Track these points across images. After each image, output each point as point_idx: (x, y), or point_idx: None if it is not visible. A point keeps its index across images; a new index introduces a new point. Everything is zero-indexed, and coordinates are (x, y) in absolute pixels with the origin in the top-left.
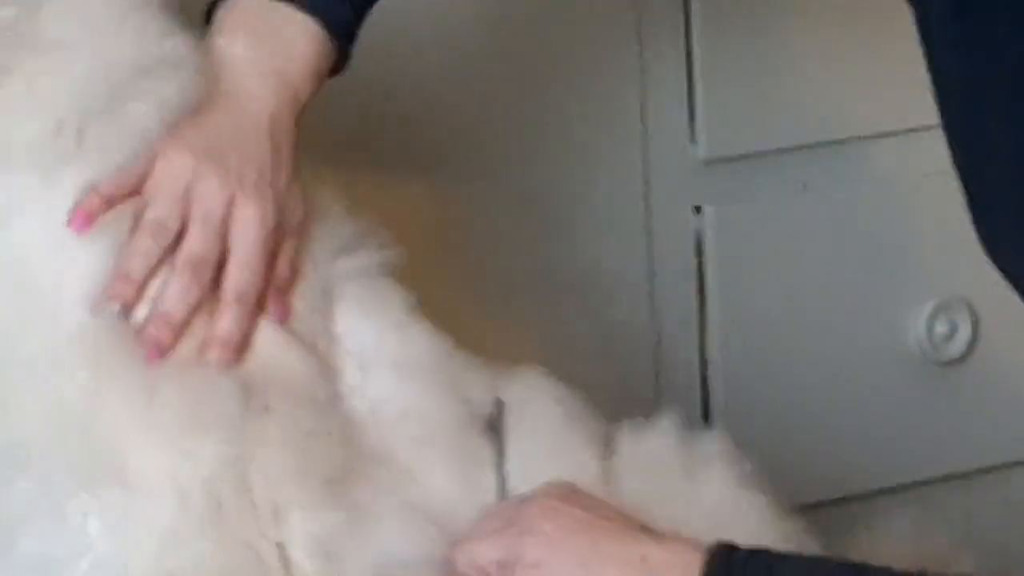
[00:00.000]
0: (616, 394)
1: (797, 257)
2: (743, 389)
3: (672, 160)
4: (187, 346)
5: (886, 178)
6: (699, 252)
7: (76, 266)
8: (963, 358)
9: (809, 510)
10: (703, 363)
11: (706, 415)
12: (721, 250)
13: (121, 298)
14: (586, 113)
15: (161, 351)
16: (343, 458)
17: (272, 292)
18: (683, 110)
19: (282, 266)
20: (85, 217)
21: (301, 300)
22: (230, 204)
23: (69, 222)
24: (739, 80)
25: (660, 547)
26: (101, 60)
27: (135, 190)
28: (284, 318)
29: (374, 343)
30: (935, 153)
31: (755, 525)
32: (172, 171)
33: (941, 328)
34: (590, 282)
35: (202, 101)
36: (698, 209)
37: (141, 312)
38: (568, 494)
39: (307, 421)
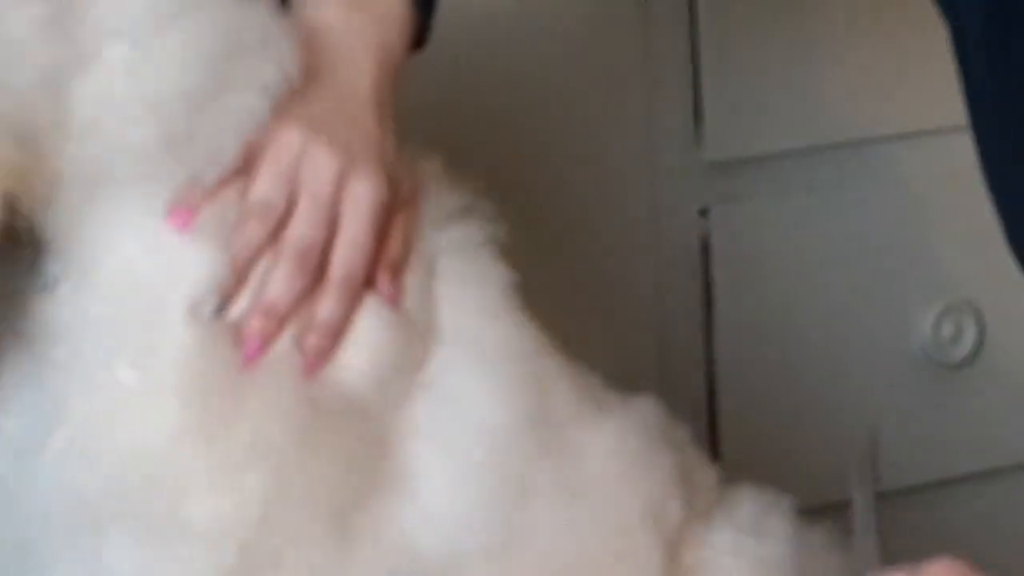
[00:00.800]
0: (621, 395)
1: (803, 259)
2: (749, 390)
3: (678, 162)
4: (287, 337)
5: (892, 180)
6: (705, 254)
7: (184, 276)
8: (969, 361)
9: (814, 512)
10: (709, 364)
11: (712, 416)
12: (727, 252)
13: (224, 288)
14: (592, 116)
15: (265, 343)
16: (364, 481)
17: (384, 271)
18: (689, 112)
19: (395, 243)
20: (186, 213)
21: (411, 275)
22: (340, 180)
23: (169, 219)
24: (745, 82)
25: None
26: (194, 42)
27: (240, 172)
28: (395, 299)
29: (460, 323)
30: (942, 156)
31: None
32: (279, 147)
33: (947, 330)
34: (596, 284)
35: (304, 74)
36: (704, 211)
37: (243, 300)
38: None
39: (351, 443)
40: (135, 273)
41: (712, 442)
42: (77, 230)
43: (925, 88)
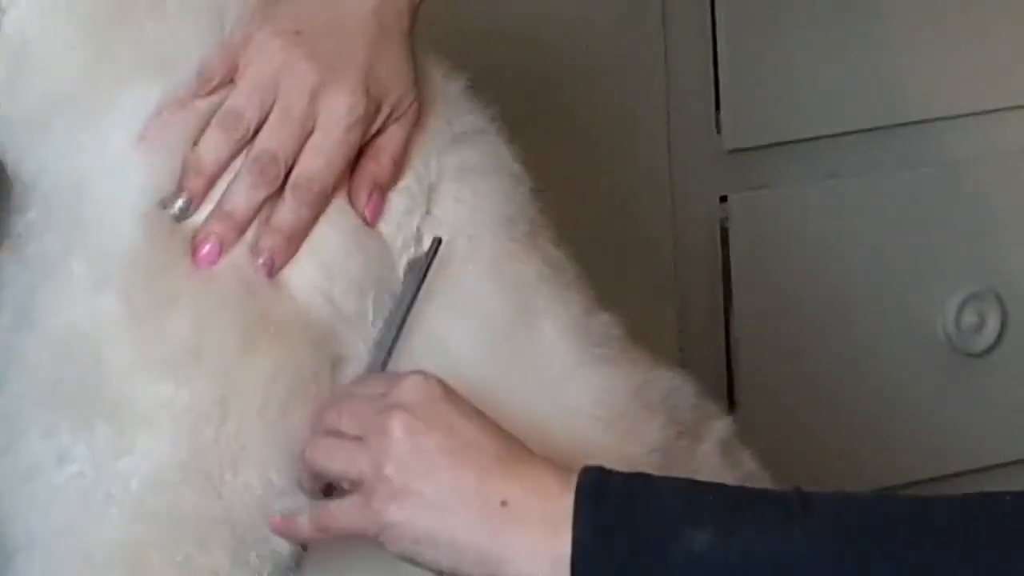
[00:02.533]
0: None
1: (823, 246)
2: (768, 378)
3: (698, 149)
4: (241, 245)
5: (914, 167)
6: (725, 241)
7: (135, 181)
8: (991, 350)
9: None
10: (728, 352)
11: (731, 404)
12: (747, 239)
13: (188, 192)
14: (612, 104)
15: (219, 247)
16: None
17: (363, 186)
18: (708, 99)
19: (382, 160)
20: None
21: (402, 197)
22: (316, 93)
23: (141, 135)
24: (764, 69)
25: (524, 488)
26: None
27: (222, 82)
28: (373, 216)
29: (450, 249)
30: (964, 143)
31: None
32: (260, 59)
33: (969, 319)
34: (616, 271)
35: None
36: (724, 198)
37: (209, 206)
38: (437, 407)
39: (301, 365)
40: (90, 180)
41: None
42: (37, 157)
43: (947, 74)
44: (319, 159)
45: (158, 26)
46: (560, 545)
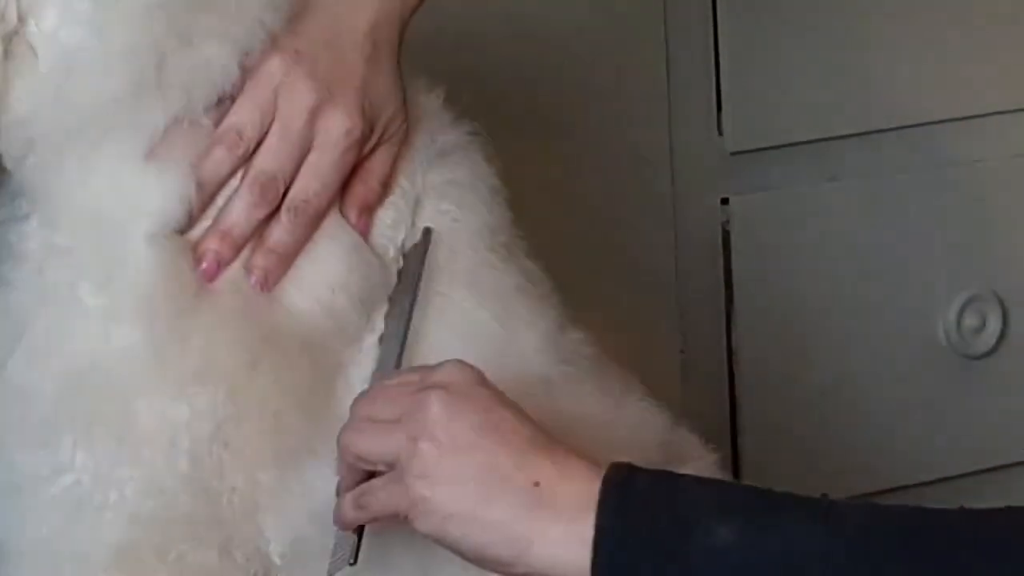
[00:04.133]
0: (642, 385)
1: (824, 249)
2: (769, 379)
3: (699, 152)
4: (240, 263)
5: (914, 170)
6: (726, 243)
7: (146, 206)
8: (992, 352)
9: None
10: (729, 354)
11: (732, 406)
12: (748, 241)
13: (186, 213)
14: (613, 105)
15: (218, 265)
16: (313, 417)
17: (352, 207)
18: (710, 102)
19: (372, 181)
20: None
21: (388, 211)
22: (314, 112)
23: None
24: (766, 72)
25: (557, 472)
26: None
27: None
28: (363, 236)
29: (433, 261)
30: (965, 145)
31: None
32: (260, 77)
33: (970, 322)
34: (618, 272)
35: (300, 8)
36: (725, 200)
37: (204, 224)
38: (474, 389)
39: (303, 374)
40: (100, 206)
41: (732, 430)
42: (49, 174)
43: (948, 77)
44: (316, 181)
45: (185, 55)
46: (587, 530)
